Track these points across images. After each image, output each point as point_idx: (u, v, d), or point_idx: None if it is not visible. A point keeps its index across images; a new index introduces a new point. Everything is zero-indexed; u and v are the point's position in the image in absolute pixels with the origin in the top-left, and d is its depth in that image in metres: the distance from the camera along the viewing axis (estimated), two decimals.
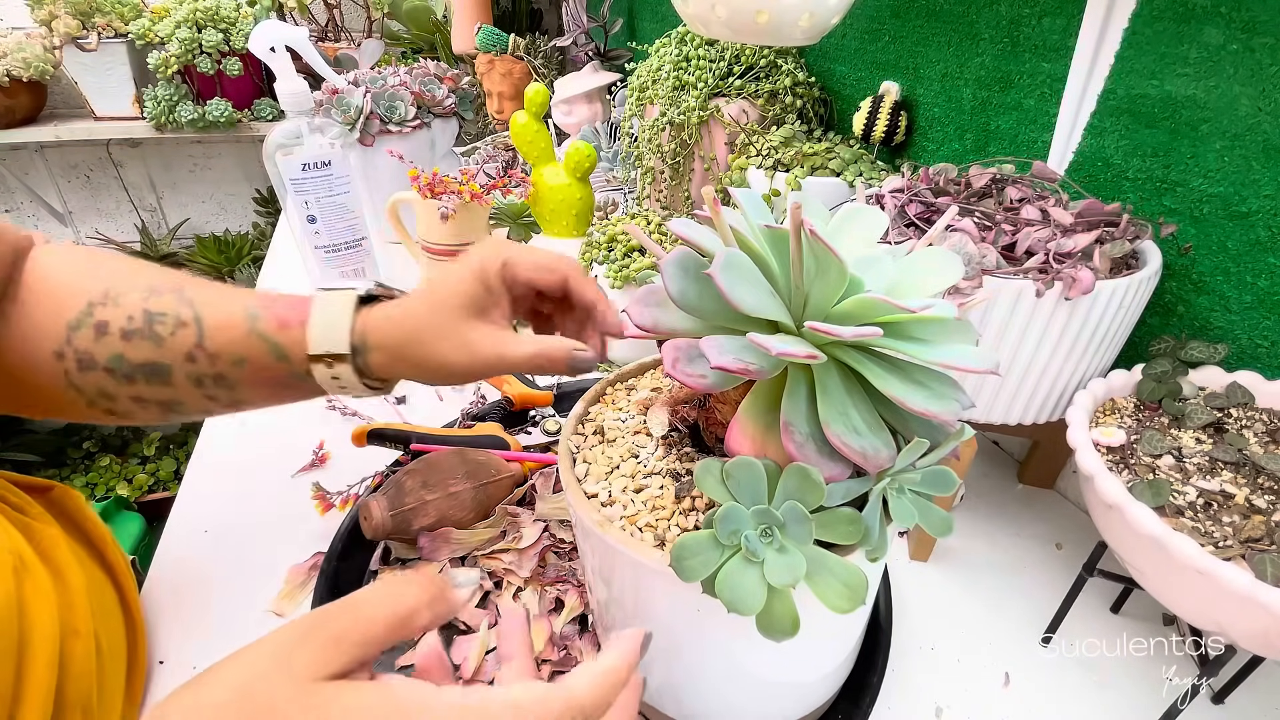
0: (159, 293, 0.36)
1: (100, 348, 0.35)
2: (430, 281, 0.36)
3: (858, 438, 0.25)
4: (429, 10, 1.47)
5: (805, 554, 0.25)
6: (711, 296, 0.26)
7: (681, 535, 0.26)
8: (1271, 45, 0.38)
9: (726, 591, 0.24)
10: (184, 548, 0.50)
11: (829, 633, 0.32)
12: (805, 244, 0.23)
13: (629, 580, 0.30)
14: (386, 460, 0.55)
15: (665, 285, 0.26)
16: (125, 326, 0.35)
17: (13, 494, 0.39)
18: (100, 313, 0.35)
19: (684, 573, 0.25)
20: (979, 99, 0.58)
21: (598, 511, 0.30)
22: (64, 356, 0.35)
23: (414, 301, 0.36)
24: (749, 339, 0.23)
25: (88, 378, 0.35)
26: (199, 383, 0.36)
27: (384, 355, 0.35)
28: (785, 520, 0.25)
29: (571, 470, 0.32)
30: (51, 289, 0.36)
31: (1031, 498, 0.55)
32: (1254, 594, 0.28)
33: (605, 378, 0.38)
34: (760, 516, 0.25)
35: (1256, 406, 0.39)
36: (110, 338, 0.35)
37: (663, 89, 0.80)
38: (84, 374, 0.35)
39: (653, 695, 0.36)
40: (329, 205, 0.76)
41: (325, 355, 0.35)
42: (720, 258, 0.24)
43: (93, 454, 1.70)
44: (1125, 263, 0.42)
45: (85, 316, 0.35)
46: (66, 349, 0.35)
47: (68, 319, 0.35)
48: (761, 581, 0.24)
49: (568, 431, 0.34)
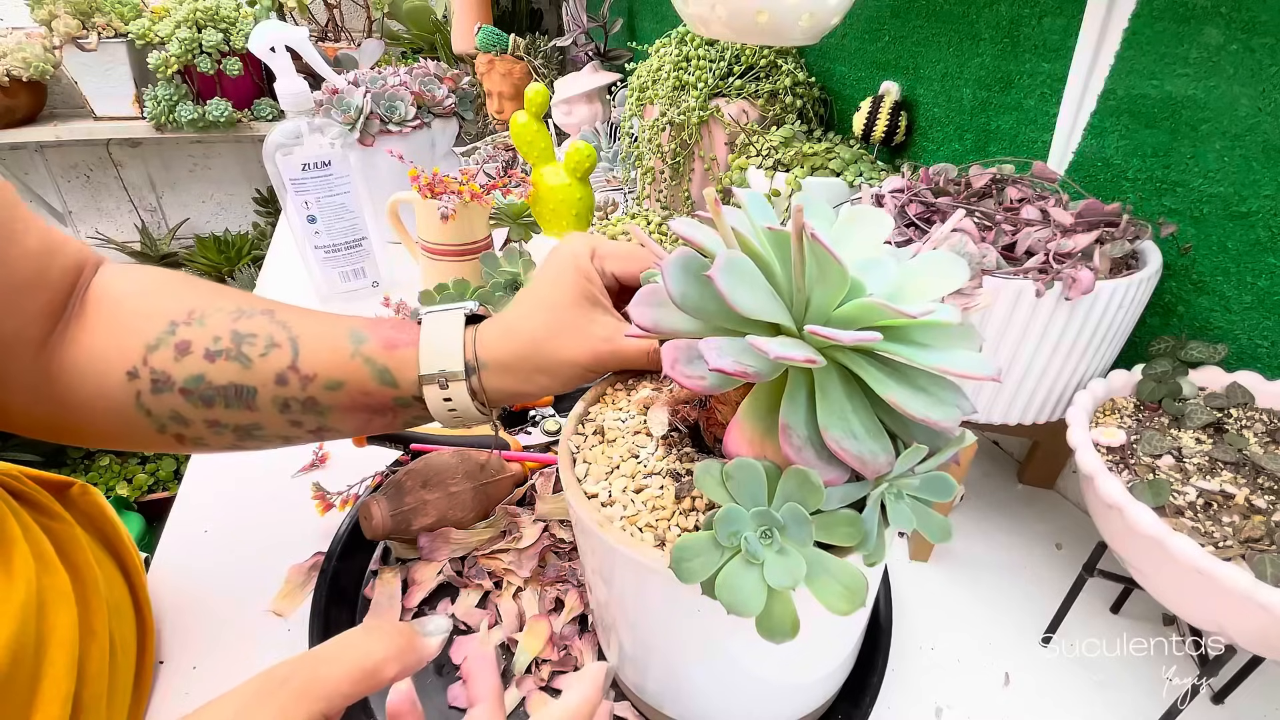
0: (248, 314, 0.35)
1: (179, 368, 0.34)
2: (530, 291, 0.36)
3: (856, 442, 0.25)
4: (429, 10, 1.47)
5: (805, 556, 0.25)
6: (712, 298, 0.26)
7: (681, 536, 0.26)
8: (1271, 45, 0.38)
9: (726, 593, 0.24)
10: (184, 548, 0.50)
11: (829, 634, 0.32)
12: (806, 247, 0.23)
13: (629, 580, 0.30)
14: (386, 460, 0.55)
15: (666, 286, 0.26)
16: (210, 347, 0.34)
17: (36, 492, 0.39)
18: (183, 332, 0.34)
19: (684, 574, 0.25)
20: (979, 99, 0.58)
21: (598, 511, 0.30)
22: (137, 376, 0.33)
23: (524, 307, 0.36)
24: (748, 341, 0.23)
25: (162, 399, 0.34)
26: (285, 407, 0.35)
27: (498, 369, 0.35)
28: (785, 522, 0.25)
29: (571, 470, 0.32)
30: (128, 309, 0.35)
31: (1031, 498, 0.55)
32: (1254, 594, 0.28)
33: (605, 378, 0.38)
34: (760, 518, 0.25)
35: (1256, 406, 0.39)
36: (192, 358, 0.34)
37: (663, 89, 0.80)
38: (157, 395, 0.34)
39: (653, 696, 0.36)
40: (329, 205, 0.76)
41: (439, 375, 0.34)
42: (720, 259, 0.24)
43: (92, 454, 1.70)
44: (1125, 263, 0.42)
45: (166, 335, 0.34)
46: (141, 369, 0.33)
47: (146, 339, 0.34)
48: (761, 583, 0.24)
49: (568, 431, 0.34)
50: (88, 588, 0.36)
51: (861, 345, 0.23)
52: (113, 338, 0.34)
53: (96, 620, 0.35)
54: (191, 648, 0.43)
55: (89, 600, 0.35)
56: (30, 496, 0.38)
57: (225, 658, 0.42)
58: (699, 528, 0.29)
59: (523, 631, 0.42)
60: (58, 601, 0.32)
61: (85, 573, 0.36)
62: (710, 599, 0.25)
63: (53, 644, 0.31)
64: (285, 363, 0.34)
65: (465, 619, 0.43)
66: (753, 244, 0.25)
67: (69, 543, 0.37)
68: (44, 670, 0.30)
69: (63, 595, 0.33)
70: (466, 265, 0.79)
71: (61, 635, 0.32)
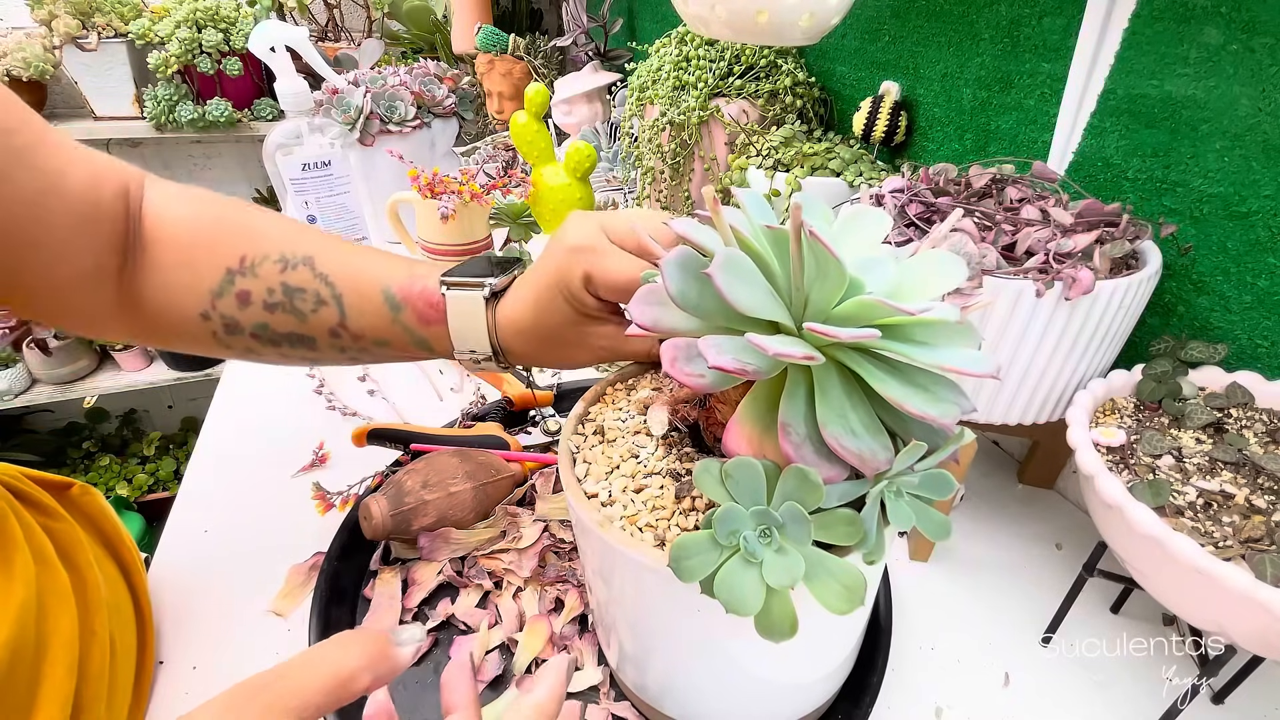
0: (292, 264, 0.38)
1: (245, 316, 0.37)
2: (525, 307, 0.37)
3: (855, 440, 0.25)
4: (429, 10, 1.47)
5: (804, 555, 0.25)
6: (711, 296, 0.25)
7: (680, 535, 0.26)
8: (1271, 45, 0.38)
9: (725, 592, 0.24)
10: (184, 548, 0.50)
11: (829, 634, 0.32)
12: (805, 245, 0.23)
13: (629, 580, 0.30)
14: (386, 460, 0.55)
15: (665, 285, 0.26)
16: (267, 300, 0.37)
17: (37, 492, 0.39)
18: (241, 283, 0.37)
19: (682, 573, 0.25)
20: (979, 99, 0.58)
21: (598, 511, 0.30)
22: (210, 319, 0.37)
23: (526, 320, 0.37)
24: (747, 339, 0.23)
25: (235, 339, 0.38)
26: (343, 350, 0.39)
27: (519, 356, 0.39)
28: (784, 521, 0.25)
29: (571, 470, 0.32)
30: (185, 253, 0.37)
31: (1031, 498, 0.55)
32: (1254, 594, 0.28)
33: (605, 377, 0.38)
34: (759, 517, 0.25)
35: (1256, 406, 0.39)
36: (254, 308, 0.37)
37: (663, 89, 0.80)
38: (231, 335, 0.38)
39: (653, 696, 0.36)
40: (329, 205, 0.76)
41: (470, 353, 0.38)
42: (719, 257, 0.24)
43: (92, 454, 1.70)
44: (1125, 263, 0.42)
45: (227, 285, 0.37)
46: (212, 313, 0.37)
47: (210, 285, 0.37)
48: (760, 582, 0.24)
49: (568, 431, 0.34)
50: (88, 588, 0.36)
51: (860, 343, 0.23)
52: (180, 281, 0.37)
53: (96, 620, 0.35)
54: (191, 648, 0.43)
55: (89, 600, 0.35)
56: (31, 496, 0.38)
57: (225, 658, 0.42)
58: (699, 527, 0.29)
59: (523, 631, 0.42)
60: (58, 602, 0.32)
61: (85, 573, 0.36)
62: (710, 598, 0.25)
63: (53, 644, 0.31)
64: (334, 320, 0.37)
65: (465, 619, 0.43)
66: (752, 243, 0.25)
67: (69, 543, 0.37)
68: (44, 670, 0.30)
69: (63, 596, 0.33)
70: None
71: (62, 636, 0.32)
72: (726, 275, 0.23)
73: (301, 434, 0.61)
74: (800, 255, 0.23)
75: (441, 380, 0.71)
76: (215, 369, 1.63)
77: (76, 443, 1.70)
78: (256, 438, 0.62)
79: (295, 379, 0.68)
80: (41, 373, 1.55)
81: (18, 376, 1.52)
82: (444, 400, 0.68)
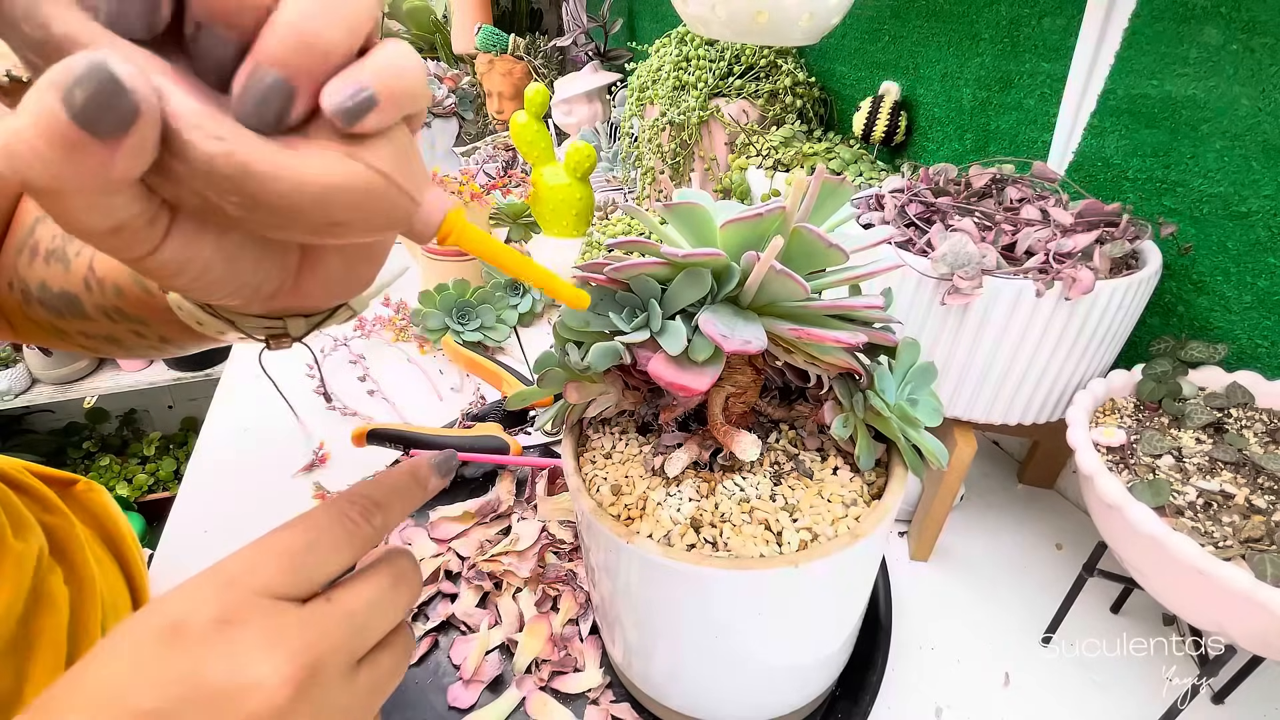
0: None
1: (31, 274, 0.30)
2: None
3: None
4: (429, 10, 1.47)
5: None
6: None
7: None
8: (1271, 45, 0.38)
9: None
10: (184, 548, 0.50)
11: (828, 611, 0.32)
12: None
13: (633, 571, 0.30)
14: (386, 460, 0.55)
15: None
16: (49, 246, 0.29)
17: (37, 486, 0.39)
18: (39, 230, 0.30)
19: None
20: (979, 99, 0.58)
21: (600, 505, 0.30)
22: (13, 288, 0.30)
23: None
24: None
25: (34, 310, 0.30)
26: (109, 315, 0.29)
27: None
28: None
29: (575, 466, 0.32)
30: (18, 215, 0.31)
31: (1031, 498, 0.55)
32: (1254, 594, 0.28)
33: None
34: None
35: (1256, 406, 0.39)
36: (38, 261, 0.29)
37: (663, 89, 0.80)
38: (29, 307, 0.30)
39: (655, 688, 0.36)
40: None
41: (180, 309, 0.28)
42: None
43: (92, 454, 1.70)
44: (1125, 263, 0.42)
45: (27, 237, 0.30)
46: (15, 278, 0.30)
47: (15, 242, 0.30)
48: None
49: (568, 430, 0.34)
50: (84, 586, 0.36)
51: None
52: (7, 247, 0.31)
53: (91, 620, 0.35)
54: None
55: (84, 599, 0.35)
56: (30, 488, 0.38)
57: None
58: (699, 527, 0.29)
59: (522, 631, 0.42)
60: (47, 604, 0.32)
61: (81, 571, 0.36)
62: (712, 584, 0.25)
63: (40, 646, 0.31)
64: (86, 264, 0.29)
65: (465, 619, 0.43)
66: None
67: (66, 540, 0.37)
68: (30, 671, 0.30)
69: (53, 598, 0.33)
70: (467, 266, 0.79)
71: (50, 637, 0.31)
72: None
73: (301, 434, 0.61)
74: None
75: (441, 380, 0.71)
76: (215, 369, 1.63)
77: (77, 443, 1.70)
78: (257, 438, 0.62)
79: (295, 379, 0.68)
80: (42, 373, 1.55)
81: (18, 376, 1.52)
82: (444, 400, 0.68)
